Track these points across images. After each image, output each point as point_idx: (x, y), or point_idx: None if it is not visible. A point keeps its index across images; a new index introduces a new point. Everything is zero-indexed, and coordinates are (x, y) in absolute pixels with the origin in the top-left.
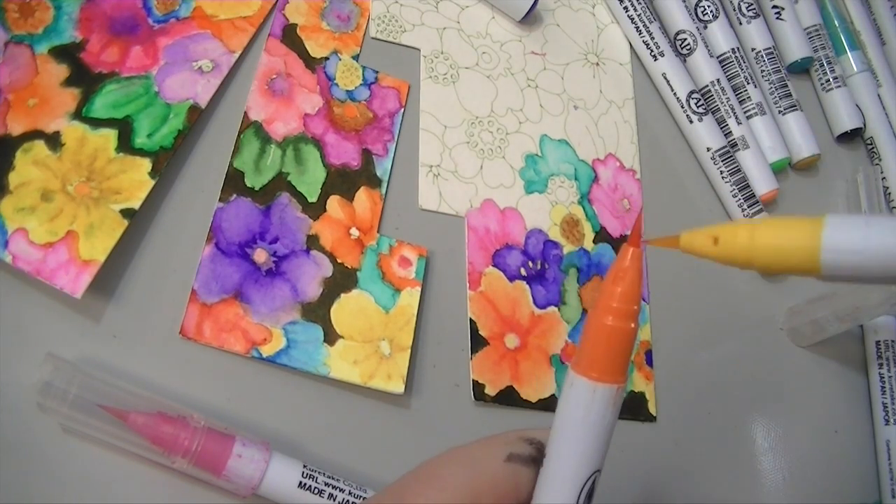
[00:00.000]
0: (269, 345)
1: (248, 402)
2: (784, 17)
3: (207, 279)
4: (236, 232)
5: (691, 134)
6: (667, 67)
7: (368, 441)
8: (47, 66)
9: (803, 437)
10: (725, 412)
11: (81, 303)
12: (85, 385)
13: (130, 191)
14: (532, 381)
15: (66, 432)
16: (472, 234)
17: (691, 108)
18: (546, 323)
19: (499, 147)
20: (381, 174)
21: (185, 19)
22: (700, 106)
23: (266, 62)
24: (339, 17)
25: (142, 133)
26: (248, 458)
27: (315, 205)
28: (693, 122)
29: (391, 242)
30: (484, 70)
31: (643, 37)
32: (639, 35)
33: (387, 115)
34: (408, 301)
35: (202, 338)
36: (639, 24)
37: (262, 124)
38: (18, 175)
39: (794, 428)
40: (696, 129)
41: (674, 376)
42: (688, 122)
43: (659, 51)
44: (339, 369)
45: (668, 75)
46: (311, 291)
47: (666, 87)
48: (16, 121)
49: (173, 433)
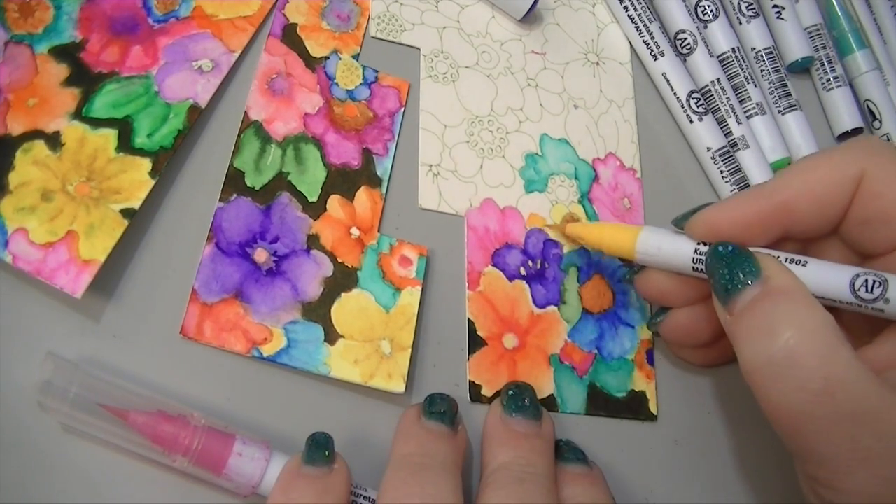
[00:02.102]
0: (270, 344)
1: (249, 401)
2: (784, 16)
3: (208, 279)
4: (237, 231)
5: (691, 134)
6: (667, 67)
7: (368, 441)
8: (47, 66)
9: None
10: (726, 412)
11: (81, 302)
12: (85, 384)
13: (130, 191)
14: (530, 381)
15: (66, 432)
16: (472, 234)
17: (691, 108)
18: (545, 322)
19: (499, 146)
20: (382, 173)
21: (185, 19)
22: (700, 105)
23: (266, 62)
24: (339, 16)
25: (142, 133)
26: (249, 457)
27: (315, 204)
28: (693, 121)
29: (392, 242)
30: (484, 69)
31: (643, 36)
32: (639, 35)
33: (387, 115)
34: (408, 300)
35: (202, 337)
36: (639, 24)
37: (263, 124)
38: (18, 175)
39: None
40: (696, 128)
41: (675, 375)
42: (688, 122)
43: (659, 50)
44: (340, 369)
45: (669, 75)
46: (312, 291)
47: (666, 86)
48: (16, 120)
49: (174, 432)
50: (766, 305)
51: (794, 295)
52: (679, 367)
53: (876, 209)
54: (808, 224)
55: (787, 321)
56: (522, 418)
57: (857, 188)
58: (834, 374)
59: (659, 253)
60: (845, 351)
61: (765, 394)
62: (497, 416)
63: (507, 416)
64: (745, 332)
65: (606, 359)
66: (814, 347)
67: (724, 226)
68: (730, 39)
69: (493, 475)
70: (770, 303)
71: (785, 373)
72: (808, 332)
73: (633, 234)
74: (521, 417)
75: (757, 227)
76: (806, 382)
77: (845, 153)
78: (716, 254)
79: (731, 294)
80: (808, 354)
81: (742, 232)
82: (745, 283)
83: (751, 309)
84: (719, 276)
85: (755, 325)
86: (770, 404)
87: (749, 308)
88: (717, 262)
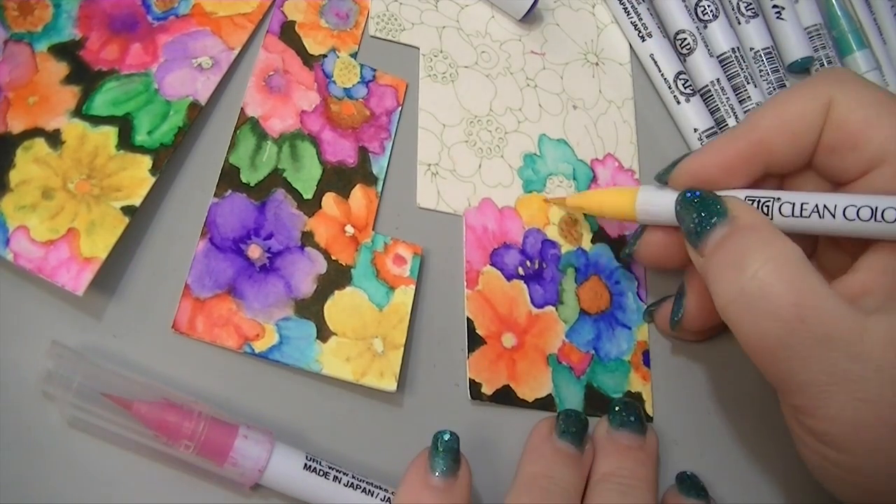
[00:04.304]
0: (262, 340)
1: (243, 397)
2: (784, 16)
3: (201, 274)
4: (231, 227)
5: (678, 115)
6: (655, 48)
7: (360, 439)
8: (47, 64)
9: None
10: (725, 412)
11: (82, 300)
12: (89, 373)
13: (131, 188)
14: (529, 380)
15: (70, 427)
16: (470, 233)
17: (678, 89)
18: (543, 322)
19: (497, 146)
20: (378, 172)
21: (185, 16)
22: (688, 87)
23: (264, 59)
24: (337, 14)
25: (142, 130)
26: (254, 440)
27: (310, 201)
28: (680, 102)
29: (386, 240)
30: (483, 69)
31: (631, 17)
32: (626, 15)
33: (384, 114)
34: (402, 299)
35: (195, 332)
36: (626, 5)
37: (259, 120)
38: (19, 173)
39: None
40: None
41: (672, 377)
42: (675, 103)
43: (647, 31)
44: (332, 366)
45: (656, 56)
46: (305, 288)
47: (654, 67)
48: (16, 119)
49: (178, 420)
50: (735, 242)
51: (761, 229)
52: (676, 368)
53: (843, 135)
54: (784, 158)
55: (755, 254)
56: (628, 432)
57: (826, 116)
58: (804, 301)
59: (659, 208)
60: (814, 278)
61: (739, 326)
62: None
63: (613, 430)
64: (716, 270)
65: (603, 360)
66: (782, 276)
67: (706, 172)
68: (730, 39)
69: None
70: (738, 239)
71: (756, 304)
72: (776, 263)
73: (632, 193)
74: (626, 431)
75: (738, 169)
76: (777, 310)
77: (814, 84)
78: (684, 200)
79: (701, 236)
80: (777, 283)
81: (724, 175)
82: (713, 224)
83: (721, 246)
84: (689, 221)
85: (725, 261)
86: (745, 336)
87: (719, 246)
88: (685, 208)
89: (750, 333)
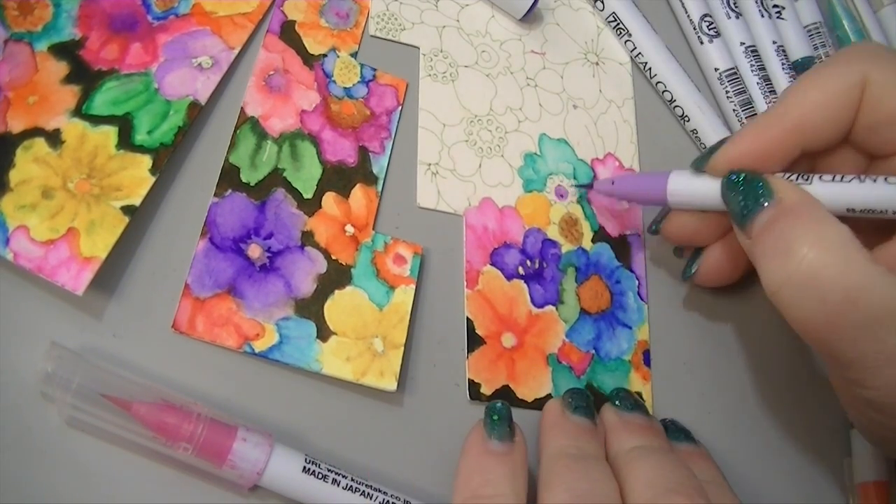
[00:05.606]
0: (262, 340)
1: (243, 397)
2: (784, 16)
3: (201, 274)
4: (231, 227)
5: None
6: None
7: (360, 438)
8: (47, 64)
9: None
10: (725, 412)
11: (81, 299)
12: (88, 374)
13: (131, 188)
14: (528, 380)
15: (69, 427)
16: (470, 233)
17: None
18: (543, 322)
19: (497, 146)
20: (378, 171)
21: (185, 16)
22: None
23: (264, 58)
24: (337, 14)
25: (142, 130)
26: (253, 443)
27: (310, 201)
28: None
29: (386, 240)
30: (483, 69)
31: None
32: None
33: (384, 113)
34: (402, 299)
35: (195, 332)
36: None
37: (259, 120)
38: (19, 172)
39: (796, 427)
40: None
41: (672, 376)
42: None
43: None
44: (332, 366)
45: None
46: (305, 287)
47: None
48: (16, 118)
49: (177, 422)
50: (782, 224)
51: (808, 211)
52: (676, 368)
53: (882, 113)
54: (822, 138)
55: (803, 238)
56: (640, 414)
57: (862, 94)
58: (853, 284)
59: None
60: (862, 259)
61: (789, 311)
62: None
63: (624, 412)
64: (764, 253)
65: (604, 359)
66: (831, 260)
67: (744, 159)
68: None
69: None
70: (785, 221)
71: (806, 288)
72: (824, 247)
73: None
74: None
75: (776, 153)
76: (827, 295)
77: (847, 61)
78: (729, 183)
79: (748, 218)
80: (826, 268)
81: (762, 161)
82: (759, 206)
83: (768, 229)
84: (735, 203)
85: (773, 244)
86: (795, 320)
87: (766, 228)
88: (731, 191)
89: (800, 317)
